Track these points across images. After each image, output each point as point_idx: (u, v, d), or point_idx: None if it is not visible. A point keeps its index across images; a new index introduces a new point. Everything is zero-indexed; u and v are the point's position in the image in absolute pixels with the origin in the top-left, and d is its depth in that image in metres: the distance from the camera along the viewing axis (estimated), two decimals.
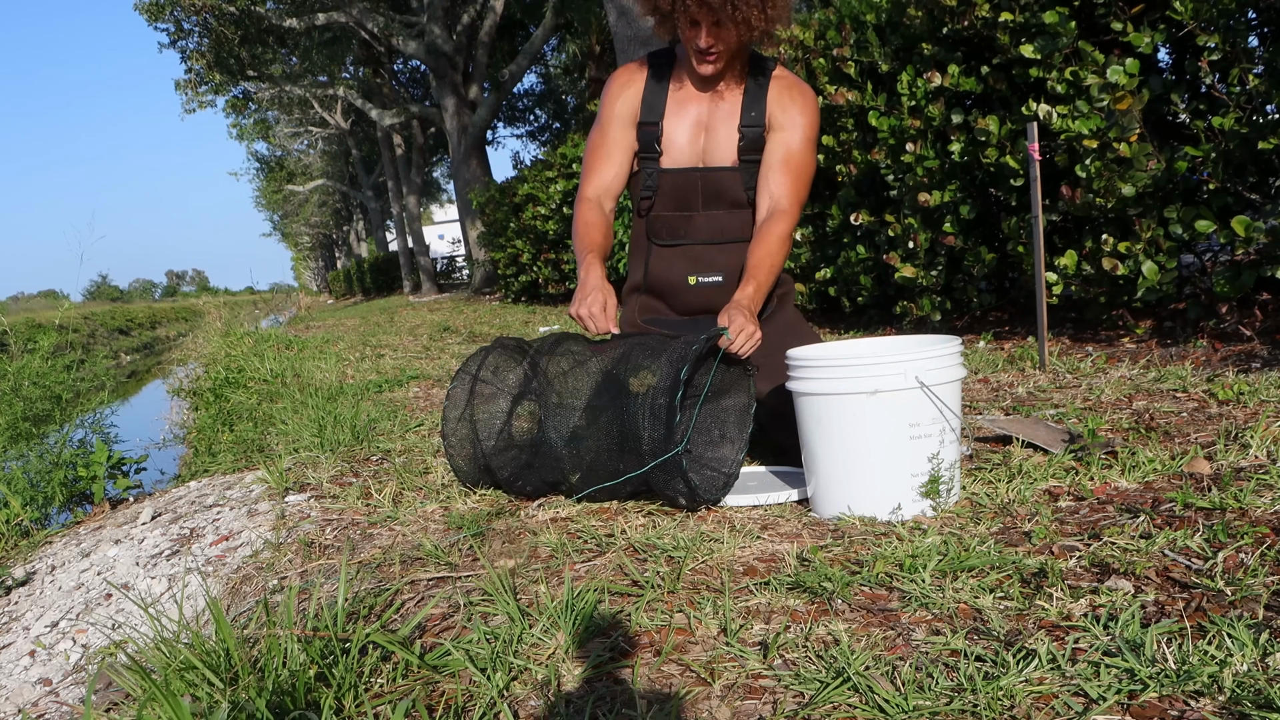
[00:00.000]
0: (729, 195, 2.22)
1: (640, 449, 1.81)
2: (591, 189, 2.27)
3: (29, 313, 22.23)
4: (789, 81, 2.21)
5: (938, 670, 1.12)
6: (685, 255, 2.26)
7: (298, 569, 1.82)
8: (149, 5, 15.68)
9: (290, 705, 1.16)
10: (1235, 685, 1.01)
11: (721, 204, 2.23)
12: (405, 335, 8.33)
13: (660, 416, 1.77)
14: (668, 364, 1.81)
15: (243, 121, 30.10)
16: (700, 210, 2.24)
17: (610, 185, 2.27)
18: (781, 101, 2.18)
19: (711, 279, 2.25)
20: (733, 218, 2.24)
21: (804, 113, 2.19)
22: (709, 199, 2.23)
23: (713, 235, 2.25)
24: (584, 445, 1.91)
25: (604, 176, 2.27)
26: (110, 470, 3.62)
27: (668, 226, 2.27)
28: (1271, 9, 2.88)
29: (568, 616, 1.34)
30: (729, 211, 2.24)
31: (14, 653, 1.95)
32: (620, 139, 2.26)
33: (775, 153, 2.19)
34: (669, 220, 2.26)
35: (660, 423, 1.77)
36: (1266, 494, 1.57)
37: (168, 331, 29.41)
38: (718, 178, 2.21)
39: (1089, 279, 3.36)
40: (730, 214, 2.24)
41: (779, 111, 2.18)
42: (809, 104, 2.20)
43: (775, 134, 2.19)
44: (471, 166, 15.91)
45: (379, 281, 30.64)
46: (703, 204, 2.23)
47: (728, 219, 2.24)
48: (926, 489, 1.69)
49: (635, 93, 2.25)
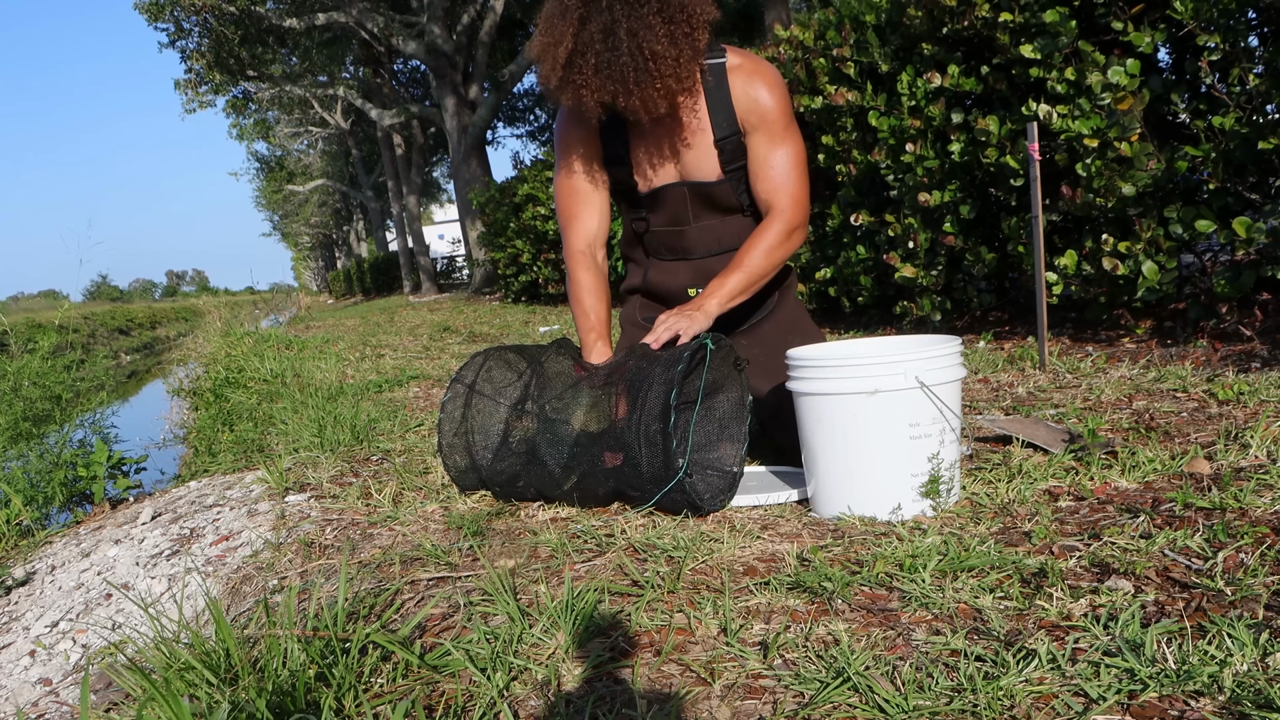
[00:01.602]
0: (721, 205, 2.14)
1: (640, 476, 1.81)
2: (579, 240, 2.17)
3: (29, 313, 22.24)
4: (745, 70, 2.05)
5: (938, 670, 1.12)
6: (685, 268, 2.22)
7: (298, 569, 1.82)
8: (149, 5, 15.69)
9: (290, 705, 1.16)
10: (1235, 685, 1.01)
11: (714, 213, 2.16)
12: (405, 335, 8.33)
13: (656, 442, 1.77)
14: (659, 386, 1.79)
15: (243, 121, 30.12)
16: (692, 223, 2.16)
17: (597, 233, 2.18)
18: (748, 97, 2.03)
19: None
20: (726, 226, 2.17)
21: (771, 97, 2.04)
22: (699, 211, 2.15)
23: (710, 247, 2.18)
24: (578, 467, 1.91)
25: (588, 225, 2.17)
26: (110, 470, 3.62)
27: (664, 243, 2.21)
28: (1271, 9, 2.88)
29: (568, 616, 1.34)
30: (722, 220, 2.16)
31: (14, 653, 1.95)
32: (591, 177, 2.15)
33: (757, 156, 2.07)
34: (663, 235, 2.20)
35: (657, 449, 1.77)
36: (1266, 494, 1.57)
37: (168, 331, 29.41)
38: (705, 190, 2.12)
39: (1089, 279, 3.36)
40: (724, 222, 2.16)
41: (748, 112, 2.04)
42: (773, 85, 2.05)
43: (751, 136, 2.06)
44: (471, 166, 15.91)
45: (379, 281, 30.64)
46: (693, 216, 2.15)
47: (722, 228, 2.17)
48: (926, 489, 1.69)
49: (590, 129, 2.11)
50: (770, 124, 2.05)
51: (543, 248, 9.96)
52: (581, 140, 2.13)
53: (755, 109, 2.04)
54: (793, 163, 2.08)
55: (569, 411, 1.96)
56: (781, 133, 2.06)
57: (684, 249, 2.20)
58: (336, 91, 20.53)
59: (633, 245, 2.31)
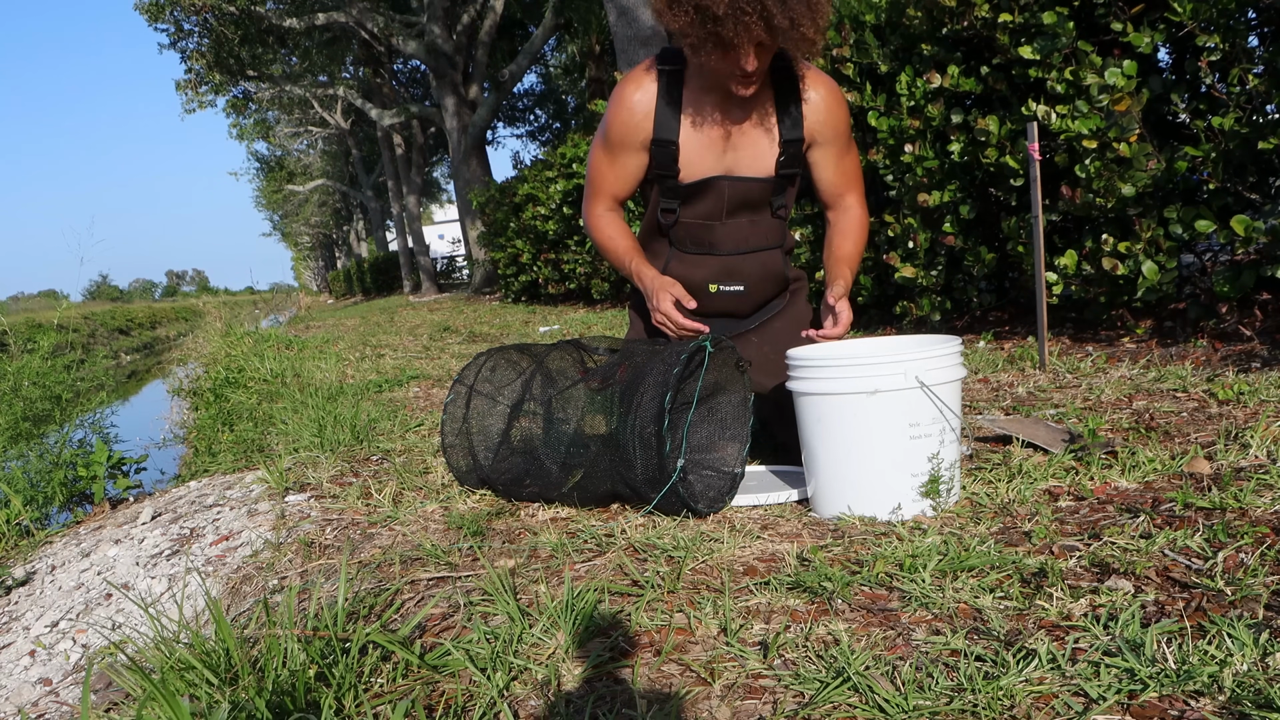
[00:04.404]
0: (754, 204, 2.13)
1: (636, 478, 1.81)
2: (601, 205, 2.19)
3: (29, 313, 22.24)
4: (814, 79, 2.07)
5: (938, 670, 1.12)
6: (709, 264, 2.18)
7: (298, 569, 1.82)
8: (149, 6, 15.69)
9: (290, 705, 1.16)
10: (1235, 685, 1.01)
11: (745, 213, 2.13)
12: (405, 335, 8.33)
13: (651, 445, 1.76)
14: (655, 388, 1.79)
15: (243, 121, 30.12)
16: (723, 220, 2.13)
17: (620, 198, 2.20)
18: (826, 109, 2.07)
19: (733, 288, 2.18)
20: (755, 228, 2.15)
21: (840, 113, 2.11)
22: (733, 208, 2.12)
23: (737, 245, 2.15)
24: (577, 467, 1.91)
25: (615, 194, 2.18)
26: (110, 470, 3.62)
27: (692, 236, 2.17)
28: (1271, 9, 2.88)
29: (568, 616, 1.34)
30: (751, 221, 2.14)
31: (14, 653, 1.95)
32: (630, 163, 2.12)
33: (829, 159, 2.14)
34: (692, 229, 2.16)
35: (652, 451, 1.76)
36: (1266, 494, 1.57)
37: (168, 331, 29.41)
38: (746, 188, 2.09)
39: (1089, 279, 3.36)
40: (753, 224, 2.14)
41: (824, 125, 2.08)
42: (840, 101, 2.11)
43: (822, 147, 2.12)
44: (471, 166, 15.91)
45: (379, 281, 30.65)
46: (726, 213, 2.12)
47: (750, 229, 2.15)
48: (926, 489, 1.69)
49: (646, 109, 2.06)
50: (841, 136, 2.14)
51: (543, 248, 9.96)
52: (633, 120, 2.07)
53: (831, 123, 2.10)
54: (856, 162, 2.23)
55: (568, 411, 1.96)
56: (848, 142, 2.18)
57: (711, 244, 2.16)
58: (336, 91, 20.54)
59: (654, 236, 2.24)
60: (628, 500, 1.93)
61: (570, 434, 1.93)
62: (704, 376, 1.93)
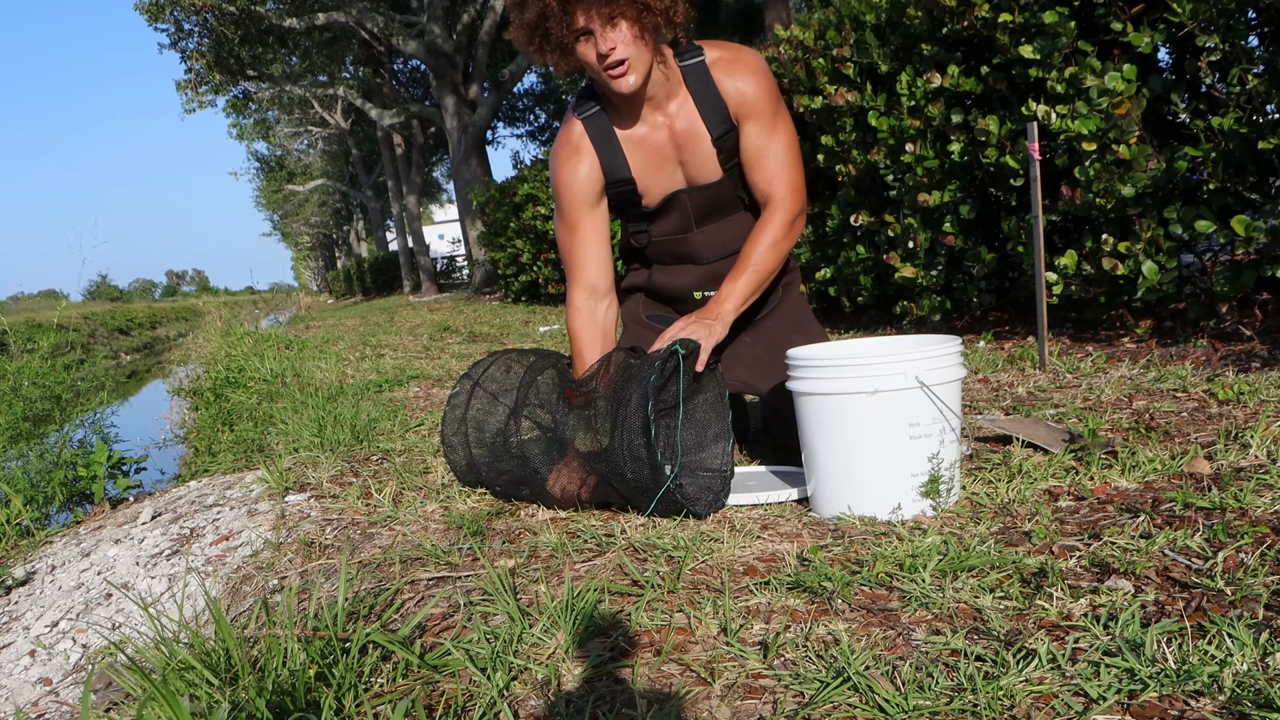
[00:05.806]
0: (721, 207, 2.12)
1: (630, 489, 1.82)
2: (581, 294, 2.10)
3: (29, 313, 22.25)
4: (725, 61, 2.00)
5: (938, 670, 1.12)
6: (693, 273, 2.18)
7: (298, 569, 1.82)
8: (149, 6, 15.68)
9: (290, 705, 1.16)
10: (1235, 685, 1.01)
11: (714, 218, 2.13)
12: (405, 335, 8.33)
13: (641, 456, 1.77)
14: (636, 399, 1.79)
15: (243, 121, 30.10)
16: (695, 229, 2.13)
17: (598, 278, 2.11)
18: (735, 89, 1.99)
19: None
20: (728, 228, 2.14)
21: (757, 85, 2.00)
22: (701, 216, 2.12)
23: (715, 252, 2.15)
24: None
25: (588, 272, 2.10)
26: (110, 470, 3.62)
27: (669, 251, 2.18)
28: (1271, 9, 2.88)
29: (568, 616, 1.34)
30: (723, 223, 2.13)
31: (14, 653, 1.95)
32: (592, 225, 2.09)
33: (751, 146, 2.03)
34: (667, 245, 2.17)
35: (643, 462, 1.77)
36: (1266, 494, 1.57)
37: (168, 331, 29.41)
38: (706, 194, 2.08)
39: (1089, 279, 3.36)
40: (725, 225, 2.14)
41: (738, 104, 2.00)
42: (756, 72, 2.00)
43: (744, 126, 2.02)
44: (471, 166, 15.91)
45: (379, 281, 30.64)
46: (696, 223, 2.12)
47: (725, 230, 2.14)
48: (926, 489, 1.69)
49: (589, 165, 2.04)
50: (760, 112, 2.02)
51: (543, 247, 9.96)
52: (580, 184, 2.05)
53: (744, 100, 2.00)
54: (786, 149, 2.05)
55: (556, 423, 1.97)
56: (771, 120, 2.03)
57: (689, 254, 2.17)
58: (336, 91, 20.53)
59: (633, 256, 2.28)
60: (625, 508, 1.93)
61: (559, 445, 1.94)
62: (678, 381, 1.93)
